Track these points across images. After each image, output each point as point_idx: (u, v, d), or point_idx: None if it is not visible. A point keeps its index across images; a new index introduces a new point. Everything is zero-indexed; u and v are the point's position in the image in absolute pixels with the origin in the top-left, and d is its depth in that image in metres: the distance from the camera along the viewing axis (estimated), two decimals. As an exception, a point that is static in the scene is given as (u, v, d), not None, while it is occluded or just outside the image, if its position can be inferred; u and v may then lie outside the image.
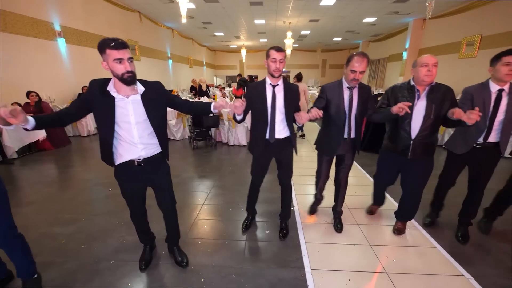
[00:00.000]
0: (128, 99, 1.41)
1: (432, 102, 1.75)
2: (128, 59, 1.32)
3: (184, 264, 1.83)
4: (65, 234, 2.22)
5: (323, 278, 1.73)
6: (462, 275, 1.75)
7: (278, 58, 1.72)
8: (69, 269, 1.82)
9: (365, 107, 1.93)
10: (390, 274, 1.76)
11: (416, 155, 1.87)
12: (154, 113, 1.48)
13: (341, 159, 2.13)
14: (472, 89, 1.88)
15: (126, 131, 1.44)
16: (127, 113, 1.42)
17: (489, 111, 1.81)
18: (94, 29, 6.90)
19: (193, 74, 14.98)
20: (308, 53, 18.41)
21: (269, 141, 1.89)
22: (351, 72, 1.78)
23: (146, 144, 1.51)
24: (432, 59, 1.69)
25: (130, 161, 1.50)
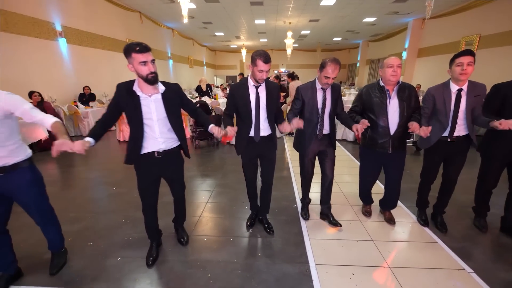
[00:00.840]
0: (150, 98, 1.57)
1: (402, 100, 1.95)
2: (151, 61, 1.48)
3: (183, 242, 2.05)
4: (72, 232, 2.25)
5: (327, 273, 1.76)
6: (463, 268, 1.79)
7: (265, 69, 1.76)
8: (77, 266, 1.84)
9: (336, 104, 2.09)
10: (392, 268, 1.79)
11: (395, 149, 2.04)
12: (172, 111, 1.65)
13: (323, 155, 2.21)
14: (433, 90, 2.01)
15: (149, 126, 1.62)
16: (150, 111, 1.58)
17: (451, 110, 1.93)
18: (95, 29, 6.92)
19: (193, 74, 15.01)
20: (308, 53, 18.47)
21: (254, 139, 1.96)
22: (325, 77, 1.92)
23: (166, 138, 1.68)
24: (397, 61, 1.87)
25: (151, 153, 1.67)
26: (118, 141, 5.56)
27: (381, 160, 2.18)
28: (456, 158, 2.08)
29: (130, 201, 2.82)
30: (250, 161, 2.09)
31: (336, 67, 1.87)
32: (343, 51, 18.34)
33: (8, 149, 1.46)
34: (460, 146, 2.02)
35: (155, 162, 1.71)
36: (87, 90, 6.49)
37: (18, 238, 2.15)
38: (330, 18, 9.75)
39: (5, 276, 1.66)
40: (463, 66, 1.80)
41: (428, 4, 4.90)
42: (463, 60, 1.80)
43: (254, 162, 2.12)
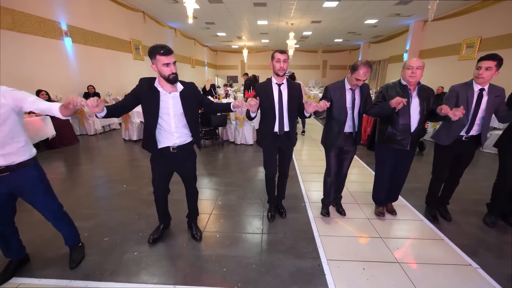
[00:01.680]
0: (170, 94, 1.71)
1: (423, 99, 2.05)
2: (173, 63, 1.62)
3: (197, 238, 2.11)
4: (87, 227, 2.29)
5: (339, 268, 1.82)
6: (469, 264, 1.85)
7: (282, 58, 1.95)
8: (95, 260, 1.89)
9: (365, 103, 2.16)
10: (402, 264, 1.86)
11: (412, 146, 2.15)
12: (188, 108, 1.77)
13: (344, 152, 2.31)
14: (457, 87, 2.12)
15: (165, 121, 1.73)
16: (168, 106, 1.71)
17: (472, 107, 2.04)
18: (100, 28, 6.96)
19: (195, 74, 15.05)
20: (309, 54, 18.53)
21: (278, 133, 2.11)
22: (356, 80, 1.98)
23: (181, 134, 1.80)
24: (417, 63, 1.96)
25: (167, 148, 1.79)
26: (124, 140, 5.60)
27: (397, 156, 2.25)
28: (465, 155, 2.21)
29: (141, 198, 2.87)
30: (272, 155, 2.23)
31: (368, 70, 1.93)
32: (344, 52, 18.43)
33: (17, 146, 1.47)
34: (471, 144, 2.15)
35: (170, 157, 1.83)
36: (91, 89, 6.51)
37: (34, 233, 2.21)
38: (332, 20, 9.82)
39: (14, 262, 1.77)
40: (481, 70, 1.94)
41: (431, 7, 4.97)
42: (483, 65, 1.93)
43: (275, 157, 2.26)
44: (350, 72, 2.02)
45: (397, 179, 2.39)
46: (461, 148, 2.17)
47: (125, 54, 8.10)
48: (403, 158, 2.26)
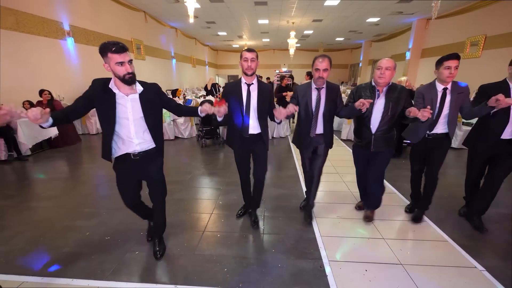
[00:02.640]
0: (127, 97, 1.54)
1: (390, 100, 1.99)
2: (128, 61, 1.45)
3: (158, 256, 1.89)
4: (88, 226, 2.30)
5: (341, 269, 1.80)
6: (474, 267, 1.82)
7: (249, 57, 1.88)
8: (97, 260, 1.89)
9: (334, 105, 2.12)
10: (405, 265, 1.83)
11: (378, 148, 2.10)
12: (149, 111, 1.62)
13: (314, 152, 2.27)
14: (422, 89, 2.14)
15: (124, 127, 1.57)
16: (126, 110, 1.55)
17: (436, 107, 2.06)
18: (101, 28, 6.97)
19: (196, 73, 15.06)
20: (310, 53, 18.45)
21: (244, 136, 2.02)
22: (316, 70, 1.98)
23: (142, 140, 1.64)
24: (387, 63, 1.93)
25: (127, 154, 1.64)
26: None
27: (367, 157, 2.26)
28: (434, 155, 2.19)
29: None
30: (242, 157, 2.18)
31: (325, 59, 1.95)
32: (345, 51, 18.34)
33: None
34: (438, 143, 2.15)
35: (132, 164, 1.67)
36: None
37: (36, 232, 2.22)
38: (333, 18, 9.77)
39: None
40: (451, 69, 1.93)
41: (435, 4, 4.92)
42: (451, 64, 1.93)
43: (246, 159, 2.20)
44: (312, 67, 2.05)
45: (368, 185, 2.29)
46: (429, 145, 2.17)
47: (126, 53, 8.11)
48: (372, 160, 2.21)
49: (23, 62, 4.89)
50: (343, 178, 3.42)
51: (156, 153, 1.74)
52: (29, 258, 1.91)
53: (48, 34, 5.39)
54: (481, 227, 2.22)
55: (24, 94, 4.72)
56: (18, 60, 4.77)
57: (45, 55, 5.35)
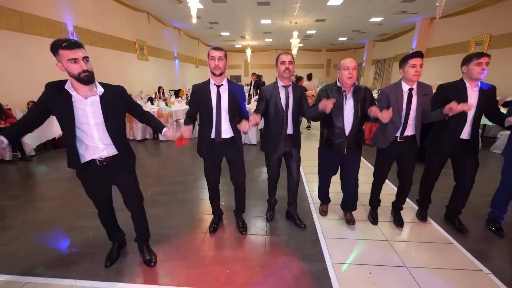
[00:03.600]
0: (86, 100, 1.43)
1: (358, 100, 1.97)
2: (83, 58, 1.34)
3: (152, 264, 1.81)
4: (92, 227, 2.30)
5: (344, 271, 1.79)
6: (480, 270, 1.80)
7: (216, 56, 1.78)
8: (100, 260, 1.89)
9: (300, 104, 2.08)
10: (409, 268, 1.81)
11: (351, 150, 2.06)
12: (110, 115, 1.51)
13: (288, 156, 2.20)
14: (387, 89, 2.07)
15: (86, 132, 1.46)
16: (86, 115, 1.44)
17: (403, 108, 1.99)
18: (105, 29, 7.01)
19: (198, 73, 15.09)
20: (313, 53, 18.42)
21: (216, 140, 1.93)
22: (281, 63, 1.95)
23: (107, 145, 1.55)
24: (352, 63, 1.91)
25: (92, 161, 1.54)
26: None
27: (338, 161, 2.21)
28: (406, 157, 2.15)
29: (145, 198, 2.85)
30: (212, 165, 2.05)
31: (288, 53, 1.96)
32: (348, 51, 18.27)
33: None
34: (409, 145, 2.10)
35: (100, 171, 1.58)
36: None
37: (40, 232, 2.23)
38: (337, 18, 9.73)
39: None
40: (417, 67, 1.88)
41: (439, 4, 4.87)
42: (417, 62, 1.87)
43: (216, 166, 2.08)
44: (276, 66, 2.01)
45: (347, 185, 2.27)
46: (400, 149, 2.11)
47: (129, 54, 8.15)
48: (344, 163, 2.19)
49: (28, 63, 4.93)
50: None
51: (122, 158, 1.64)
52: (33, 258, 1.92)
53: (52, 35, 5.42)
54: (463, 229, 2.23)
55: (28, 95, 4.76)
56: (22, 61, 4.81)
57: (49, 56, 5.35)
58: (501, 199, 2.19)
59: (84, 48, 1.38)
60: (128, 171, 1.70)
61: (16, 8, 4.64)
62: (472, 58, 1.90)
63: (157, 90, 7.80)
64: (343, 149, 2.05)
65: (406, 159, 2.15)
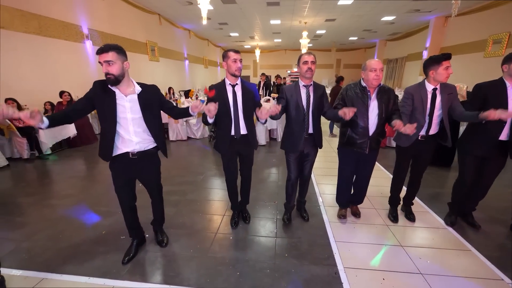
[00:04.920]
0: (126, 97, 1.61)
1: (382, 102, 1.99)
2: (105, 61, 1.49)
3: (163, 244, 2.04)
4: (104, 225, 2.35)
5: (357, 277, 1.74)
6: (501, 279, 1.72)
7: (238, 58, 1.92)
8: (112, 258, 1.93)
9: (321, 103, 2.10)
10: (425, 275, 1.75)
11: (372, 149, 2.09)
12: (148, 111, 1.68)
13: (305, 156, 2.22)
14: (411, 89, 2.09)
15: (123, 126, 1.63)
16: (125, 110, 1.61)
17: (427, 107, 2.01)
18: (118, 31, 7.18)
19: (208, 74, 15.22)
20: (322, 53, 18.19)
21: (235, 137, 2.03)
22: (304, 63, 1.98)
23: (141, 139, 1.70)
24: (380, 65, 1.92)
25: (126, 153, 1.68)
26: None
27: (357, 160, 2.21)
28: (424, 155, 2.19)
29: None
30: (231, 160, 2.15)
31: (310, 54, 2.00)
32: (358, 50, 17.96)
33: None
34: (428, 144, 2.13)
35: (129, 163, 1.71)
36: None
37: (56, 229, 2.29)
38: (347, 17, 9.58)
39: None
40: (449, 69, 1.90)
41: (455, 3, 4.71)
42: (449, 64, 1.89)
43: (234, 161, 2.18)
44: (298, 65, 2.06)
45: (361, 182, 2.36)
46: (420, 147, 2.14)
47: (141, 55, 8.31)
48: (364, 161, 2.21)
49: (45, 65, 5.10)
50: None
51: (155, 153, 1.83)
52: (49, 255, 1.97)
53: (68, 37, 5.60)
54: (474, 224, 2.28)
55: (46, 95, 4.93)
56: (40, 63, 4.99)
57: (65, 58, 5.57)
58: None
59: (116, 51, 1.52)
60: (155, 166, 1.89)
61: (35, 12, 4.81)
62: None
63: (168, 91, 7.91)
64: (365, 148, 2.07)
65: (422, 156, 2.20)
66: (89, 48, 6.16)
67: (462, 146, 2.19)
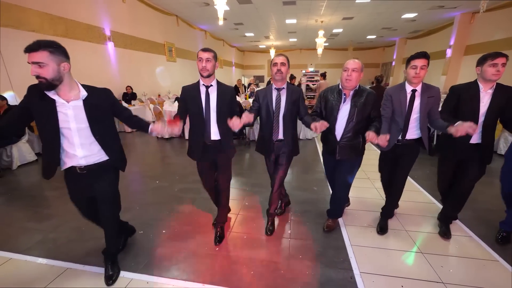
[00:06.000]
0: (68, 104, 1.38)
1: (355, 105, 1.88)
2: (33, 63, 1.25)
3: (110, 282, 1.67)
4: (124, 220, 2.44)
5: (373, 282, 1.69)
6: (533, 293, 1.60)
7: (204, 57, 1.72)
8: (131, 252, 2.00)
9: (295, 108, 1.99)
10: (447, 284, 1.67)
11: (344, 156, 1.98)
12: (96, 119, 1.46)
13: (277, 159, 2.13)
14: (391, 91, 2.01)
15: (67, 137, 1.42)
16: (67, 119, 1.38)
17: (405, 109, 1.92)
18: (138, 33, 7.44)
19: (222, 74, 15.39)
20: (339, 52, 17.85)
21: (206, 142, 1.88)
22: (273, 65, 1.91)
23: (88, 153, 1.48)
24: (354, 64, 1.80)
25: (72, 168, 1.49)
26: (156, 138, 5.91)
27: (334, 166, 2.16)
28: (403, 162, 2.07)
29: (172, 194, 3.00)
30: (205, 168, 2.00)
31: (280, 55, 1.91)
32: (376, 49, 17.42)
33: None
34: (410, 149, 2.03)
35: (80, 179, 1.52)
36: (129, 90, 7.00)
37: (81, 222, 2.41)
38: (365, 15, 9.32)
39: None
40: (417, 69, 1.80)
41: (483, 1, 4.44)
42: (418, 63, 1.79)
43: (208, 170, 2.02)
44: (271, 68, 1.96)
45: (334, 192, 2.24)
46: (399, 151, 2.05)
47: (159, 56, 8.56)
48: (338, 167, 2.10)
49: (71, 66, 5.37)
50: (374, 184, 3.24)
51: (109, 166, 1.59)
52: (73, 246, 2.08)
53: (92, 39, 5.88)
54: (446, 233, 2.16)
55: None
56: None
57: (88, 59, 5.85)
58: None
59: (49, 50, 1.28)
60: (107, 181, 1.61)
61: (63, 15, 5.09)
62: (487, 58, 1.80)
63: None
64: (335, 154, 2.00)
65: (402, 163, 2.08)
66: (110, 49, 6.44)
67: (438, 149, 2.17)
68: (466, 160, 2.01)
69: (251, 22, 10.26)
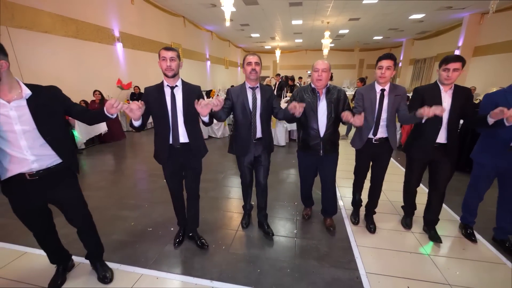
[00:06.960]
0: (10, 104, 1.25)
1: (331, 101, 1.98)
2: None
3: (107, 280, 1.66)
4: (133, 217, 2.51)
5: (379, 283, 1.71)
6: (541, 297, 1.59)
7: (168, 56, 1.64)
8: (141, 249, 2.05)
9: (269, 106, 2.02)
10: (454, 286, 1.67)
11: (327, 151, 2.05)
12: (45, 120, 1.34)
13: (257, 161, 2.10)
14: (362, 90, 2.10)
15: (11, 141, 1.28)
16: (10, 121, 1.26)
17: (376, 108, 2.01)
18: (145, 33, 7.55)
19: (229, 74, 15.48)
20: (345, 53, 17.77)
21: (174, 146, 1.77)
22: (247, 65, 1.89)
23: (39, 156, 1.35)
24: (323, 65, 1.91)
25: (20, 175, 1.33)
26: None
27: (315, 163, 2.19)
28: (378, 160, 2.17)
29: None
30: (173, 172, 1.90)
31: (255, 55, 1.91)
32: (383, 50, 17.26)
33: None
34: (383, 148, 2.10)
35: (32, 187, 1.37)
36: (137, 90, 7.10)
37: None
38: (372, 16, 9.27)
39: None
40: (383, 69, 1.91)
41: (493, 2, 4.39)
42: (383, 64, 1.90)
43: (177, 173, 1.93)
44: (243, 67, 1.96)
45: (324, 188, 2.25)
46: (375, 150, 2.12)
47: (166, 56, 8.66)
48: (322, 164, 2.15)
49: (81, 66, 5.52)
50: (381, 186, 3.23)
51: (64, 169, 1.46)
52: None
53: (102, 40, 6.00)
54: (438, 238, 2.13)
55: (81, 94, 5.32)
56: (77, 64, 5.40)
57: (98, 59, 5.97)
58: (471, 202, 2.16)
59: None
60: (69, 186, 1.50)
61: (74, 17, 5.22)
62: (442, 62, 1.84)
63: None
64: (319, 150, 2.05)
65: (378, 161, 2.18)
66: (119, 50, 6.55)
67: (406, 150, 2.20)
68: (436, 160, 2.05)
69: (257, 23, 10.30)
